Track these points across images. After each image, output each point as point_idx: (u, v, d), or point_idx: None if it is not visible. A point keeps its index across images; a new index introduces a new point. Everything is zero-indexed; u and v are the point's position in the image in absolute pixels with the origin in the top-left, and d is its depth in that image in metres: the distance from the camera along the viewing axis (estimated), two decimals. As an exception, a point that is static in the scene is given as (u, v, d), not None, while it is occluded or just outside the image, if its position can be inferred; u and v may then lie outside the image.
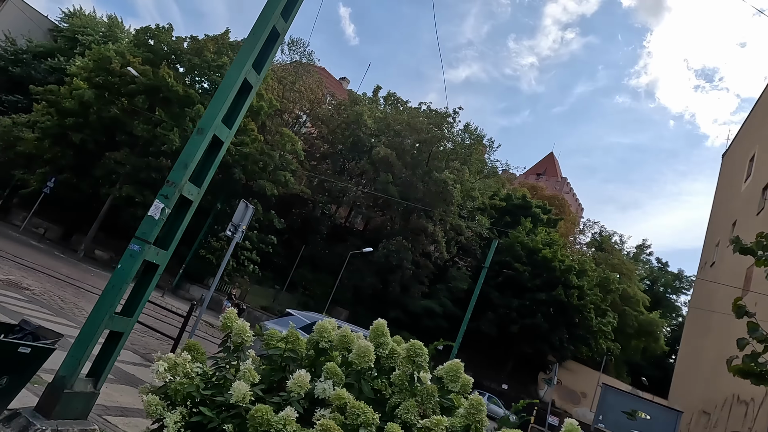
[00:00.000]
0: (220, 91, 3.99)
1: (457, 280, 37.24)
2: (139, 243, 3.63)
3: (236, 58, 4.10)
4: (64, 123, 26.91)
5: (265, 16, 4.17)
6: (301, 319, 8.08)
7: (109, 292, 3.55)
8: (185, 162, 3.79)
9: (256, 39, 4.10)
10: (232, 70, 4.05)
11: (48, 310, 9.35)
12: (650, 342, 47.18)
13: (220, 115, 3.95)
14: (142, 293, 3.82)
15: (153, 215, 3.67)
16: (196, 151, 3.82)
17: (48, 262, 18.59)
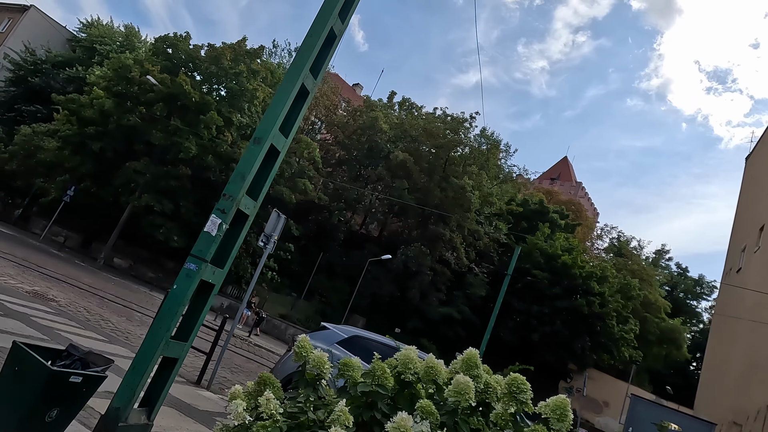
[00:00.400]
0: (277, 97, 3.73)
1: (475, 287, 36.72)
2: (195, 261, 3.36)
3: (293, 62, 3.84)
4: (85, 131, 27.07)
5: (323, 18, 3.91)
6: (338, 334, 7.78)
7: (164, 316, 3.29)
8: (242, 174, 3.53)
9: (314, 42, 3.84)
10: (290, 75, 3.79)
11: (76, 322, 9.17)
12: (672, 349, 46.06)
13: (278, 123, 3.69)
14: (197, 315, 3.55)
15: (209, 231, 3.41)
16: (253, 162, 3.56)
17: (69, 271, 18.56)
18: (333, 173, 37.40)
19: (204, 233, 3.44)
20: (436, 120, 37.15)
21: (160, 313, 3.33)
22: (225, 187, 3.56)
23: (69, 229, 31.54)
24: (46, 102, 38.50)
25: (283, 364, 7.61)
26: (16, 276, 12.27)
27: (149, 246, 29.46)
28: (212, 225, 3.44)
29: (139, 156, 26.65)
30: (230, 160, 26.20)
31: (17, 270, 13.48)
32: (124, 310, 14.38)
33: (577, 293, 35.57)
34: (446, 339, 34.38)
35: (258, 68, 29.88)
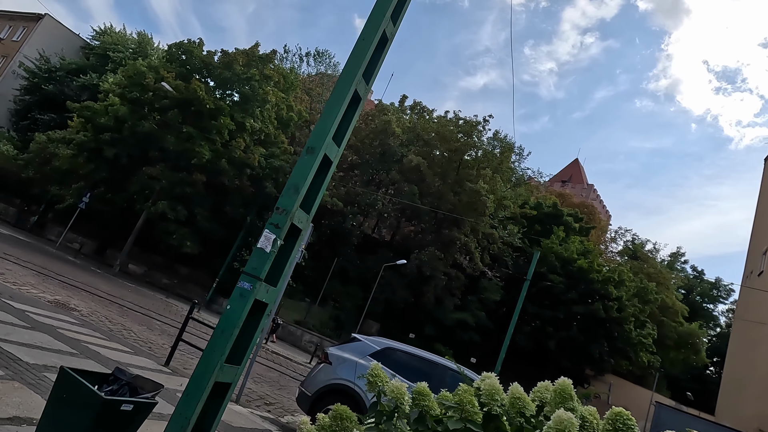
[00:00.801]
0: (329, 105, 3.53)
1: (489, 291, 36.33)
2: (249, 280, 3.16)
3: (345, 68, 3.64)
4: (99, 138, 27.17)
5: (375, 21, 3.71)
6: (370, 345, 7.56)
7: (218, 339, 3.08)
8: (296, 185, 3.33)
9: (366, 46, 3.64)
10: (342, 81, 3.59)
11: (100, 333, 9.04)
12: (690, 354, 45.32)
13: (331, 132, 3.49)
14: (250, 337, 3.34)
15: (263, 248, 3.21)
16: (307, 173, 3.36)
17: (87, 278, 18.52)
18: (345, 177, 37.26)
19: (257, 250, 3.24)
20: (449, 123, 36.91)
21: (213, 336, 3.13)
22: (278, 201, 3.36)
23: (84, 235, 31.65)
24: (60, 109, 38.80)
25: (315, 377, 7.41)
26: (37, 285, 12.20)
27: (163, 252, 29.48)
28: (266, 241, 3.24)
29: (154, 162, 26.68)
30: (243, 165, 26.14)
31: (38, 279, 13.43)
32: (144, 318, 14.28)
33: (593, 298, 35.06)
34: (461, 344, 34.01)
35: (270, 73, 29.85)
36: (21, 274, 13.09)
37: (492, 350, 36.91)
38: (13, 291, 9.96)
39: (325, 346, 25.13)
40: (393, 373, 7.13)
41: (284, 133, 30.60)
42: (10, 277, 11.69)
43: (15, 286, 10.92)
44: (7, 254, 16.11)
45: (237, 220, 27.98)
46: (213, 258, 27.93)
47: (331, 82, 41.79)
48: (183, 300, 25.93)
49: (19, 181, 33.87)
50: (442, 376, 7.13)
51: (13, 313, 7.49)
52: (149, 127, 26.25)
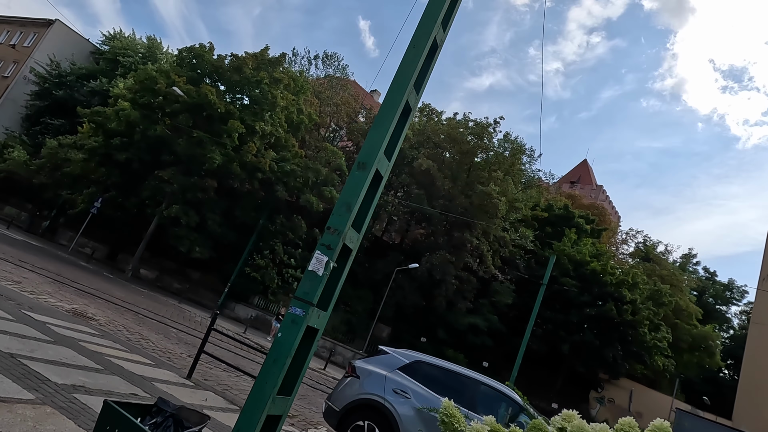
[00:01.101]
0: (380, 118, 3.33)
1: (501, 295, 35.98)
2: (301, 305, 2.97)
3: (395, 78, 3.44)
4: (110, 143, 27.19)
5: (426, 27, 3.51)
6: (398, 359, 7.34)
7: (270, 370, 2.89)
8: (348, 204, 3.13)
9: (418, 54, 3.44)
10: (393, 92, 3.39)
11: (120, 344, 8.89)
12: (704, 357, 44.65)
13: (383, 147, 3.28)
14: (301, 365, 3.14)
15: (315, 270, 3.01)
16: (360, 190, 3.16)
17: (101, 285, 18.45)
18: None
19: (309, 273, 3.04)
20: (459, 125, 36.66)
21: (264, 366, 2.94)
22: (329, 220, 3.17)
23: (95, 240, 31.68)
24: (71, 114, 38.95)
25: (342, 391, 7.20)
26: (54, 293, 12.11)
27: (174, 257, 29.43)
28: (318, 263, 3.04)
29: (165, 167, 26.64)
30: (255, 169, 26.01)
31: (54, 287, 13.34)
32: (160, 326, 14.15)
33: (607, 301, 34.61)
34: (473, 348, 33.71)
35: (280, 76, 29.75)
36: (38, 282, 13.01)
37: (504, 354, 36.58)
38: (32, 301, 9.85)
39: (339, 351, 25.00)
40: (424, 387, 6.92)
41: (294, 137, 30.47)
42: (27, 286, 11.60)
43: (33, 295, 10.82)
44: (23, 261, 16.07)
45: (248, 224, 27.87)
46: (224, 263, 27.83)
47: (340, 85, 41.67)
48: (195, 305, 25.86)
49: (31, 186, 34.01)
50: (475, 391, 6.91)
51: (35, 326, 7.36)
52: (160, 131, 26.21)
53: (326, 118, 36.12)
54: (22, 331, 6.67)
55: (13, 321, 7.08)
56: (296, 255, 27.28)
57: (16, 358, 5.18)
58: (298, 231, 27.22)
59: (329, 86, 39.84)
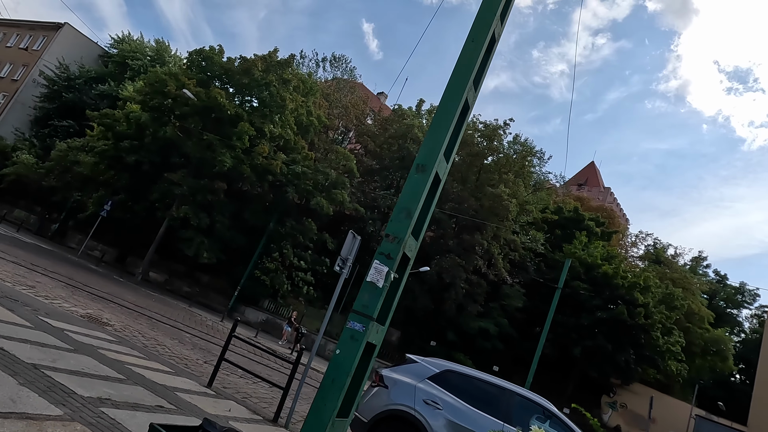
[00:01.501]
0: (439, 118, 3.10)
1: (511, 298, 35.63)
2: (360, 320, 2.74)
3: (453, 74, 3.20)
4: (120, 146, 27.11)
5: (485, 20, 3.27)
6: (428, 368, 7.06)
7: (328, 391, 2.66)
8: (408, 209, 2.89)
9: (477, 48, 3.20)
10: (451, 90, 3.15)
11: (138, 351, 8.68)
12: (717, 361, 44.05)
13: (443, 148, 3.04)
14: (358, 384, 2.91)
15: (374, 282, 2.78)
16: (420, 195, 2.92)
17: (112, 288, 18.31)
18: (364, 183, 36.88)
19: (367, 284, 2.81)
20: (468, 127, 36.38)
21: (322, 387, 2.70)
22: (387, 226, 2.93)
23: (104, 243, 31.62)
24: (79, 117, 39.00)
25: (369, 401, 6.94)
26: (68, 298, 11.94)
27: (183, 260, 29.28)
28: (377, 274, 2.81)
29: (175, 169, 26.53)
30: (266, 171, 25.84)
31: (67, 291, 13.18)
32: (173, 331, 13.96)
33: (619, 304, 34.17)
34: (483, 352, 33.35)
35: (289, 77, 29.62)
36: (51, 286, 12.85)
37: (514, 358, 36.20)
38: (47, 306, 9.68)
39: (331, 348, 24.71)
40: (456, 398, 6.66)
41: (303, 139, 30.30)
42: (41, 291, 11.43)
43: (47, 299, 10.65)
44: (35, 264, 15.94)
45: (257, 227, 27.69)
46: (234, 266, 27.65)
47: (348, 87, 41.51)
48: (205, 309, 25.68)
49: (40, 189, 34.02)
50: (510, 402, 6.64)
51: (54, 334, 7.16)
52: (170, 133, 26.10)
53: (335, 120, 35.93)
54: (41, 339, 6.47)
55: (32, 328, 6.89)
56: (306, 258, 27.06)
57: (39, 370, 4.98)
58: (308, 234, 27.01)
59: (337, 88, 39.70)
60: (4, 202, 37.14)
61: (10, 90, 43.63)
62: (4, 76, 45.29)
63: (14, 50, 46.29)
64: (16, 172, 34.16)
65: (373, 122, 40.14)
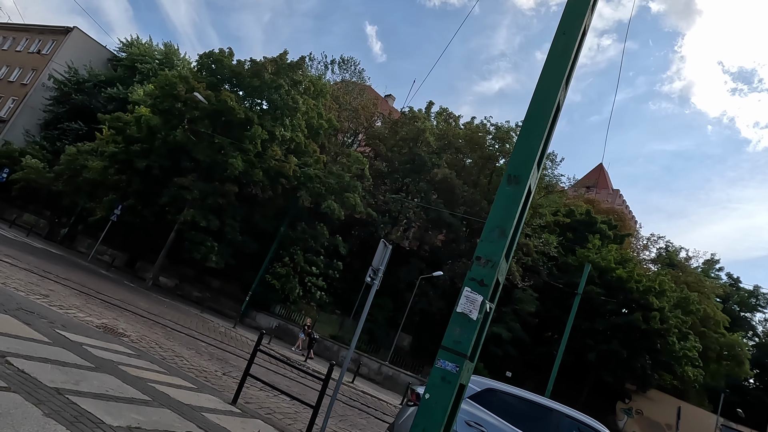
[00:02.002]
0: (531, 121, 2.72)
1: (524, 303, 35.08)
2: (453, 358, 2.34)
3: (545, 73, 2.81)
4: (131, 149, 26.87)
5: (577, 10, 2.87)
6: (469, 387, 6.65)
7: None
8: (502, 228, 2.50)
9: (570, 42, 2.81)
10: (544, 90, 2.76)
11: (158, 366, 8.32)
12: (734, 366, 43.27)
13: (536, 156, 2.64)
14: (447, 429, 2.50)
15: (466, 313, 2.38)
16: (515, 210, 2.54)
17: (125, 295, 18.00)
18: (373, 186, 36.49)
19: (459, 316, 2.41)
20: (478, 130, 35.96)
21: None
22: (478, 248, 2.53)
23: (114, 248, 31.38)
24: (89, 120, 38.86)
25: (407, 422, 6.53)
26: (82, 308, 11.61)
27: (193, 264, 28.99)
28: (470, 304, 2.41)
29: (186, 173, 26.25)
30: (278, 174, 25.47)
31: (80, 299, 12.85)
32: (189, 340, 13.61)
33: (633, 309, 33.59)
34: (495, 357, 32.84)
35: (300, 79, 29.32)
36: (64, 294, 12.54)
37: (527, 363, 35.65)
38: (62, 317, 9.34)
39: (364, 362, 24.27)
40: (500, 420, 6.24)
41: (314, 142, 29.97)
42: (55, 300, 11.11)
43: (62, 309, 10.33)
44: (47, 271, 15.65)
45: (268, 231, 27.35)
46: (244, 270, 27.30)
47: (357, 90, 41.15)
48: (216, 314, 25.35)
49: (50, 193, 33.85)
50: (557, 424, 6.22)
51: (73, 349, 6.81)
52: (180, 137, 25.84)
53: (345, 122, 35.60)
54: (61, 356, 6.12)
55: (50, 344, 6.53)
56: (317, 263, 26.68)
57: (63, 395, 4.61)
58: (319, 238, 26.63)
59: (346, 91, 39.37)
60: (14, 206, 37.03)
61: (20, 94, 43.61)
62: (14, 80, 45.30)
63: (24, 54, 46.30)
64: (26, 178, 34.01)
65: (382, 125, 39.76)
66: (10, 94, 44.41)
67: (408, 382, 21.46)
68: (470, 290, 2.42)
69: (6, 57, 47.41)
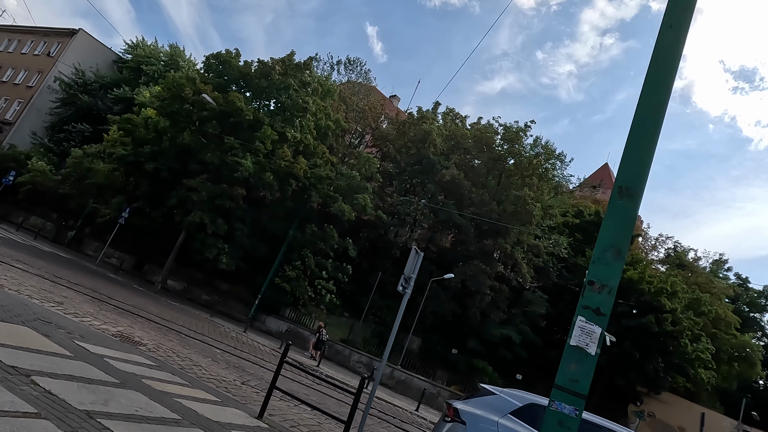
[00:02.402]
0: (640, 127, 2.43)
1: (534, 305, 34.74)
2: (570, 399, 2.04)
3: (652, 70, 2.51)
4: (140, 151, 26.65)
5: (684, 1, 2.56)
6: (509, 401, 6.33)
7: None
8: (617, 247, 2.20)
9: (679, 35, 2.49)
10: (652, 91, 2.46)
11: (179, 377, 8.03)
12: (746, 368, 42.79)
13: (650, 163, 2.33)
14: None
15: (583, 347, 2.08)
16: (629, 227, 2.24)
17: (136, 300, 17.76)
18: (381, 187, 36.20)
19: (574, 350, 2.11)
20: (487, 130, 35.59)
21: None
22: (590, 272, 2.22)
23: (121, 250, 31.16)
24: (94, 122, 38.71)
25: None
26: (96, 315, 11.34)
27: (202, 267, 28.75)
28: (586, 336, 2.11)
29: (194, 175, 25.99)
30: (288, 176, 25.18)
31: (93, 306, 12.60)
32: (203, 347, 13.34)
33: (645, 310, 33.19)
34: (505, 360, 32.50)
35: (309, 80, 29.06)
36: (77, 301, 12.28)
37: (538, 366, 35.25)
38: (78, 326, 9.07)
39: (376, 366, 23.95)
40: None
41: (323, 143, 29.70)
42: (69, 307, 10.85)
43: (77, 317, 10.06)
44: (58, 276, 15.41)
45: (277, 234, 27.08)
46: (253, 274, 27.04)
47: (363, 91, 40.87)
48: (226, 318, 25.08)
49: (57, 196, 33.68)
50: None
51: (95, 363, 6.52)
52: (189, 139, 25.60)
53: (351, 123, 35.32)
54: (85, 372, 5.83)
55: (72, 359, 6.25)
56: (327, 266, 26.38)
57: (95, 419, 4.32)
58: (329, 241, 26.34)
59: (353, 92, 39.10)
60: (21, 209, 36.87)
61: (26, 96, 43.49)
62: (19, 82, 45.19)
63: (29, 57, 46.19)
64: (32, 180, 33.85)
65: (388, 126, 39.46)
66: (15, 96, 44.30)
67: (423, 388, 21.14)
68: (585, 320, 2.12)
69: (11, 59, 47.32)
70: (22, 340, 6.11)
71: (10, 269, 13.25)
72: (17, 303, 8.73)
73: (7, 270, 12.88)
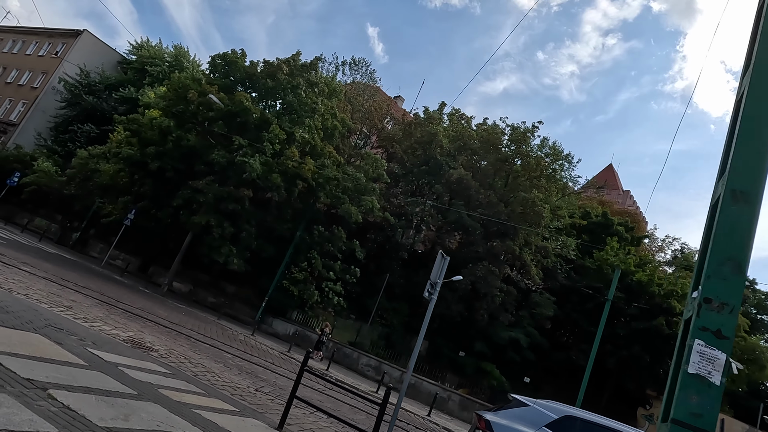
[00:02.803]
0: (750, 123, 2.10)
1: (542, 307, 34.39)
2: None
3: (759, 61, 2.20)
4: (146, 152, 26.44)
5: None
6: (544, 413, 6.04)
7: None
8: (735, 259, 1.93)
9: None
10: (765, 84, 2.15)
11: (195, 385, 7.77)
12: (755, 370, 42.33)
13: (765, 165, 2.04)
14: None
15: (705, 376, 1.78)
16: (749, 236, 1.93)
17: (143, 303, 17.51)
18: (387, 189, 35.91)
19: (692, 379, 1.83)
20: (494, 131, 35.29)
21: None
22: (703, 286, 1.94)
23: (126, 252, 30.95)
24: (99, 123, 38.55)
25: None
26: (106, 319, 11.09)
27: (208, 269, 28.50)
28: (707, 363, 1.84)
29: (200, 176, 25.76)
30: (296, 176, 24.91)
31: (102, 310, 12.35)
32: (214, 351, 13.08)
33: (655, 313, 32.84)
34: (513, 362, 32.17)
35: (316, 80, 28.83)
36: (86, 305, 12.03)
37: (545, 369, 34.91)
38: (89, 331, 8.81)
39: (384, 369, 23.65)
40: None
41: (329, 144, 29.45)
42: (79, 312, 10.60)
43: (87, 323, 9.81)
44: (66, 279, 15.18)
45: (284, 236, 26.81)
46: (260, 275, 26.77)
47: (368, 91, 40.61)
48: (233, 321, 24.81)
49: (61, 197, 33.50)
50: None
51: (110, 372, 6.26)
52: (195, 140, 25.36)
53: (357, 124, 35.07)
54: (101, 383, 5.57)
55: (87, 368, 5.99)
56: (335, 268, 26.10)
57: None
58: (336, 243, 26.06)
59: (358, 92, 38.86)
60: (25, 210, 36.70)
61: (30, 97, 43.37)
62: (24, 83, 45.06)
63: (33, 57, 46.09)
64: (37, 182, 33.67)
65: (394, 126, 39.19)
66: (20, 97, 44.18)
67: (434, 392, 20.84)
68: (704, 344, 1.84)
69: (16, 60, 47.22)
70: (35, 349, 5.85)
71: (17, 272, 13.02)
72: (27, 308, 8.48)
73: (15, 273, 12.65)
